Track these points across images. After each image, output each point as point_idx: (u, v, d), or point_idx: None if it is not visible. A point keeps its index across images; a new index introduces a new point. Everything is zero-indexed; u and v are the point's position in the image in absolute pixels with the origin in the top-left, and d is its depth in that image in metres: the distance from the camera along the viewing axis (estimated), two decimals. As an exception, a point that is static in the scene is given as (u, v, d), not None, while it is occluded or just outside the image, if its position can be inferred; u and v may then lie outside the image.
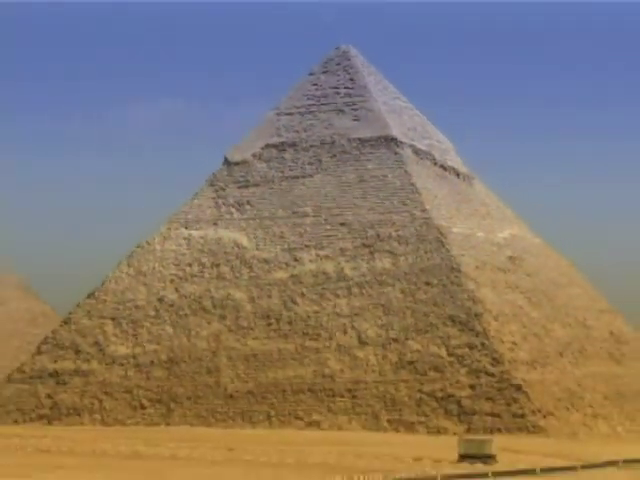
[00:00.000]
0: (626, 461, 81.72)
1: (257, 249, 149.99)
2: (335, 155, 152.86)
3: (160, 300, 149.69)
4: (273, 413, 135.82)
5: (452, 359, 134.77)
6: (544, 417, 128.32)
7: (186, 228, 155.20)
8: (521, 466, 72.85)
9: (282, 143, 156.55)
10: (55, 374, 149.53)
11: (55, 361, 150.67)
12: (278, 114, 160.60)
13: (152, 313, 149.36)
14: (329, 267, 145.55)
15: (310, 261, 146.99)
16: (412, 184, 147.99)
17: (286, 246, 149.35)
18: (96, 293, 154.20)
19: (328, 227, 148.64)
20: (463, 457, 78.65)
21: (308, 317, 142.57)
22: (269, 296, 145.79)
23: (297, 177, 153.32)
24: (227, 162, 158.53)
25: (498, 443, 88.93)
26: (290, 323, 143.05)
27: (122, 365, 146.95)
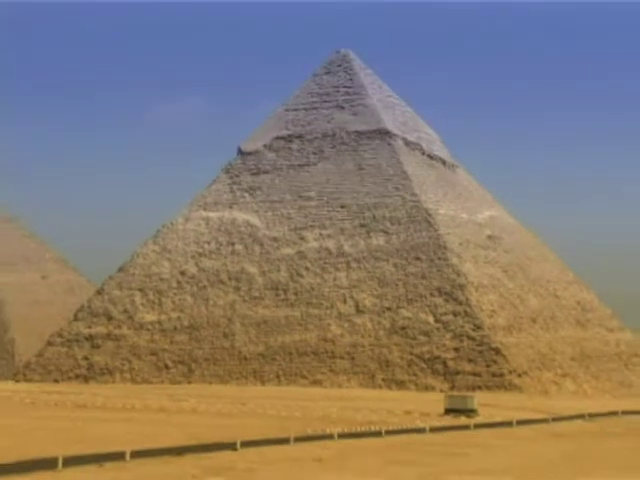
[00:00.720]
0: (591, 415, 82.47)
1: (267, 229, 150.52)
2: (335, 146, 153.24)
3: (182, 273, 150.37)
4: (281, 373, 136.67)
5: (438, 325, 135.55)
6: (519, 376, 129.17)
7: (205, 210, 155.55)
8: (499, 419, 73.41)
9: (289, 135, 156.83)
10: (90, 338, 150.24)
11: (90, 327, 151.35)
12: (286, 110, 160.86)
13: (175, 285, 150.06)
14: (330, 244, 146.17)
15: (314, 239, 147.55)
16: (403, 172, 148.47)
17: (292, 226, 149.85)
18: (126, 267, 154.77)
19: (330, 209, 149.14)
20: (448, 411, 79.26)
21: (312, 288, 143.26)
22: (278, 270, 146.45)
23: (302, 165, 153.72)
24: (241, 152, 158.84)
25: (479, 399, 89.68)
26: (296, 293, 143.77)
27: (148, 330, 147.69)
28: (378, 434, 57.53)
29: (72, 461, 38.87)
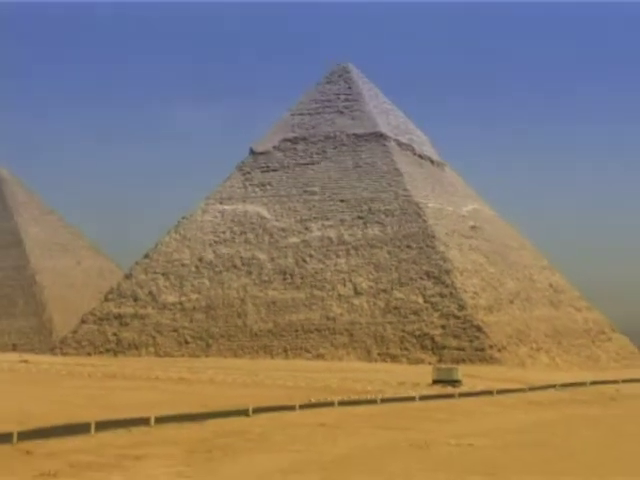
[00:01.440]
0: (562, 385, 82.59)
1: (275, 220, 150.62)
2: (336, 147, 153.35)
3: (200, 260, 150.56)
4: (288, 347, 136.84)
5: (427, 305, 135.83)
6: (499, 351, 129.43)
7: (220, 204, 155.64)
8: (481, 388, 73.54)
9: (295, 138, 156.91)
10: (119, 317, 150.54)
11: (119, 307, 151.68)
12: (292, 115, 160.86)
13: (194, 270, 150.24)
14: (332, 234, 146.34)
15: (317, 229, 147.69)
16: (396, 170, 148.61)
17: (298, 217, 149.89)
18: (150, 254, 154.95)
19: (331, 203, 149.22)
20: (436, 382, 79.20)
21: (315, 273, 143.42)
22: (285, 257, 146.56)
23: (307, 164, 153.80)
24: (252, 152, 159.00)
25: (463, 371, 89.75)
26: (301, 277, 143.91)
27: (170, 310, 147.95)
28: (374, 402, 57.53)
29: (104, 425, 38.86)
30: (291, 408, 50.30)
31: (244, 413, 45.98)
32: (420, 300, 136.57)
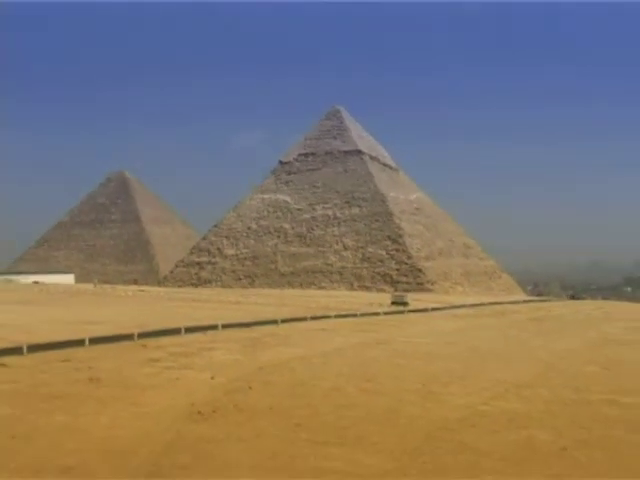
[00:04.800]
0: (471, 305, 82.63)
1: (295, 204, 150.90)
2: (332, 159, 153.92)
3: (248, 228, 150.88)
4: (303, 282, 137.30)
5: (388, 256, 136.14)
6: (432, 284, 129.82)
7: (261, 194, 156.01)
8: (420, 307, 73.51)
9: (307, 153, 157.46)
10: (198, 263, 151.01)
11: (198, 257, 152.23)
12: (305, 139, 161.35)
13: (245, 234, 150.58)
14: (329, 212, 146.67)
15: (320, 210, 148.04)
16: (369, 173, 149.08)
17: (308, 202, 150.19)
18: (218, 224, 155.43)
19: (329, 194, 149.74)
20: (393, 303, 79.12)
21: (319, 236, 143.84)
22: (300, 226, 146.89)
23: (314, 170, 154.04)
24: (281, 162, 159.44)
25: (410, 296, 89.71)
26: (311, 239, 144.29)
27: (230, 259, 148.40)
28: (355, 315, 57.35)
29: (189, 329, 38.91)
30: (304, 319, 50.24)
31: (274, 322, 45.97)
32: (384, 253, 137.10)
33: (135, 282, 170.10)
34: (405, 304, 79.05)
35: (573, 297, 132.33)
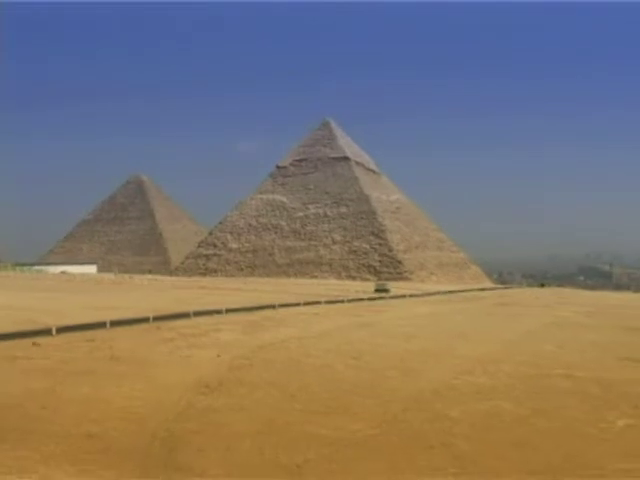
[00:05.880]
0: (445, 292, 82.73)
1: (290, 203, 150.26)
2: (323, 164, 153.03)
3: (249, 225, 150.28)
4: (297, 272, 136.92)
5: (372, 249, 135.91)
6: (410, 274, 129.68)
7: (260, 194, 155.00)
8: (400, 293, 73.61)
9: (301, 159, 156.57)
10: (205, 255, 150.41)
11: (206, 250, 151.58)
12: (299, 146, 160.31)
13: (246, 230, 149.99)
14: (320, 211, 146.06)
15: (313, 208, 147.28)
16: (355, 177, 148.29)
17: (302, 202, 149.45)
18: (222, 221, 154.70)
19: (320, 194, 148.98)
20: (376, 291, 79.21)
21: (312, 231, 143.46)
22: (295, 223, 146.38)
23: (307, 173, 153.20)
24: (277, 167, 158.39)
25: (391, 284, 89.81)
26: (304, 234, 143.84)
27: (233, 252, 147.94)
28: (343, 301, 57.39)
29: (198, 313, 38.83)
30: (298, 304, 50.18)
31: (272, 307, 45.92)
32: (368, 247, 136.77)
33: (150, 272, 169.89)
34: (387, 291, 79.02)
35: (543, 285, 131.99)
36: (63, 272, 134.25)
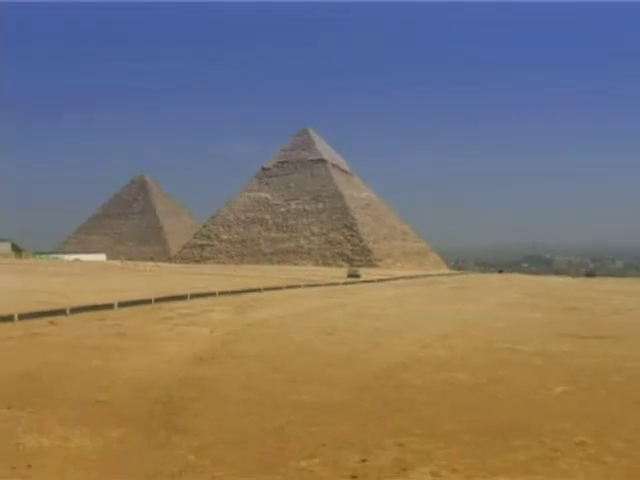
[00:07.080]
0: (410, 277, 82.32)
1: (274, 200, 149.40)
2: (302, 166, 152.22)
3: (238, 218, 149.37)
4: (280, 260, 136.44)
5: (345, 240, 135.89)
6: (378, 261, 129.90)
7: (247, 192, 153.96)
8: (369, 278, 73.68)
9: (283, 161, 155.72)
10: (200, 245, 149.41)
11: (200, 240, 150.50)
12: (282, 150, 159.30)
13: (235, 223, 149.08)
14: (300, 207, 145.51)
15: (294, 204, 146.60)
16: (331, 177, 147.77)
17: (284, 199, 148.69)
18: (215, 216, 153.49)
19: (300, 192, 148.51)
20: (349, 276, 79.17)
21: (293, 225, 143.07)
22: (278, 217, 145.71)
23: (288, 174, 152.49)
24: (263, 168, 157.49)
25: (362, 271, 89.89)
26: (287, 227, 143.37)
27: (224, 242, 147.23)
28: (320, 285, 57.48)
29: (194, 295, 38.70)
30: (281, 288, 50.17)
31: (259, 290, 45.87)
32: (342, 238, 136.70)
33: (152, 260, 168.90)
34: (358, 277, 79.07)
35: (501, 271, 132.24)
36: (76, 259, 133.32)
